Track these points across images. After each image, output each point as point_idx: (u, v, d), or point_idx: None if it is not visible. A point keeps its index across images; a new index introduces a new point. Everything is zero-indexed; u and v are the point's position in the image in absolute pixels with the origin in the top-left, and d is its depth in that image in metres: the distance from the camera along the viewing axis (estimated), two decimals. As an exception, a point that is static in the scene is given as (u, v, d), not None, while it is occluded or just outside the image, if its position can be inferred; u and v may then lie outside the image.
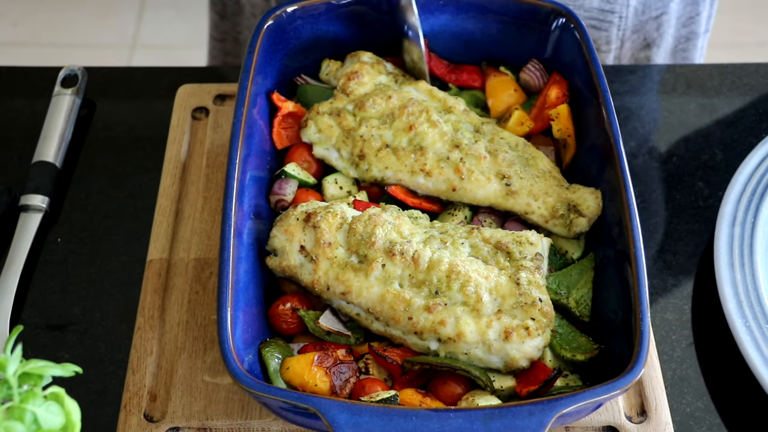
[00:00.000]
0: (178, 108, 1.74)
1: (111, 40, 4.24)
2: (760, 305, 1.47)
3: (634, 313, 1.26)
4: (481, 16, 1.65)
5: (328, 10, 1.63)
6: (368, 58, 1.63)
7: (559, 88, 1.57)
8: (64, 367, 1.05)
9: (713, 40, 2.39)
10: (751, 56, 4.03)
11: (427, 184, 1.50)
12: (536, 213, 1.46)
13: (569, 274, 1.41)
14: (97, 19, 4.31)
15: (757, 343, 1.44)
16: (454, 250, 1.38)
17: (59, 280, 1.59)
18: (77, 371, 1.05)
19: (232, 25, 2.26)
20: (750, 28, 4.24)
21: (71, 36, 4.23)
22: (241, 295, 1.32)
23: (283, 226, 1.41)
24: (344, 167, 1.54)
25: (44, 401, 1.01)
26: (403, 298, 1.33)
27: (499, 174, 1.48)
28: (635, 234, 1.32)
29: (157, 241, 1.56)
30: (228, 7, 2.22)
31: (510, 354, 1.30)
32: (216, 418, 1.37)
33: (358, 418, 1.17)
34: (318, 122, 1.55)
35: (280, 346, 1.35)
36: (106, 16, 4.32)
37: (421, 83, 1.60)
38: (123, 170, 1.74)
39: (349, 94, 1.58)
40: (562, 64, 1.61)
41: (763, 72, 1.89)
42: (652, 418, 1.37)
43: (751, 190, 1.61)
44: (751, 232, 1.56)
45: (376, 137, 1.52)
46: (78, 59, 4.06)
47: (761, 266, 1.52)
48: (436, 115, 1.53)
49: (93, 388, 1.46)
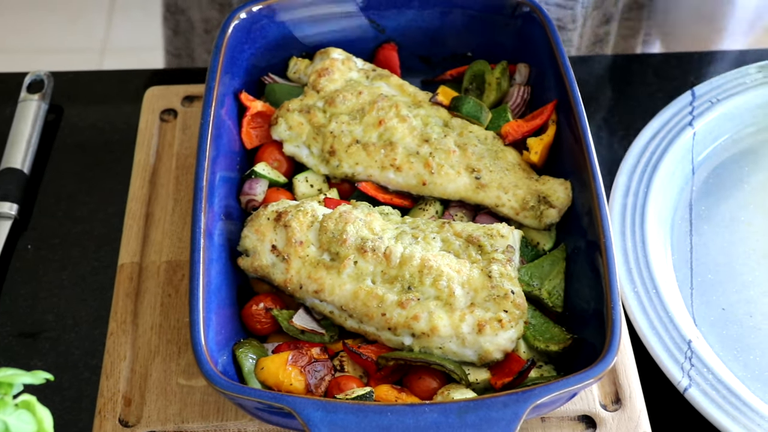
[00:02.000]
0: (146, 111, 1.73)
1: (80, 44, 4.21)
2: (649, 272, 1.52)
3: (606, 302, 1.26)
4: (447, 11, 1.65)
5: (294, 8, 1.62)
6: (338, 54, 1.62)
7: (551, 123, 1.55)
8: (34, 375, 1.04)
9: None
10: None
11: (397, 179, 1.50)
12: (507, 205, 1.47)
13: (541, 265, 1.41)
14: (66, 23, 4.27)
15: (645, 308, 1.48)
16: (426, 245, 1.38)
17: (30, 287, 1.58)
18: (48, 378, 1.05)
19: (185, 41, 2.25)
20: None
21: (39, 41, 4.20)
22: (213, 297, 1.31)
23: (254, 226, 1.41)
24: (315, 164, 1.54)
25: (15, 410, 1.01)
26: (375, 295, 1.33)
27: (469, 167, 1.48)
28: (605, 224, 1.33)
29: (128, 245, 1.56)
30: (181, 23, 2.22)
31: (484, 347, 1.31)
32: (192, 420, 1.36)
33: (334, 416, 1.16)
34: (288, 119, 1.55)
35: (255, 347, 1.35)
36: (75, 20, 4.29)
37: (392, 78, 1.60)
38: (92, 175, 1.73)
39: (320, 90, 1.58)
40: (529, 54, 1.62)
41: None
42: (626, 405, 1.38)
43: (645, 161, 1.66)
44: (644, 202, 1.61)
45: (346, 133, 1.52)
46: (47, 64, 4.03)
47: (650, 235, 1.57)
48: (405, 110, 1.53)
49: (67, 395, 1.45)
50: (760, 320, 1.53)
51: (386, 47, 1.68)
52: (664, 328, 1.46)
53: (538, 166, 1.52)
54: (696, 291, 1.56)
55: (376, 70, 1.63)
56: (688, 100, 1.74)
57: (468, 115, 1.54)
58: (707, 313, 1.54)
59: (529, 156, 1.50)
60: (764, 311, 1.54)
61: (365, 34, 1.66)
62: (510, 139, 1.52)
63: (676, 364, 1.42)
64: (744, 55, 1.90)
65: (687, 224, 1.64)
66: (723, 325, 1.52)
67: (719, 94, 1.75)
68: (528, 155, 1.50)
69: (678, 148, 1.68)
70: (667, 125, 1.70)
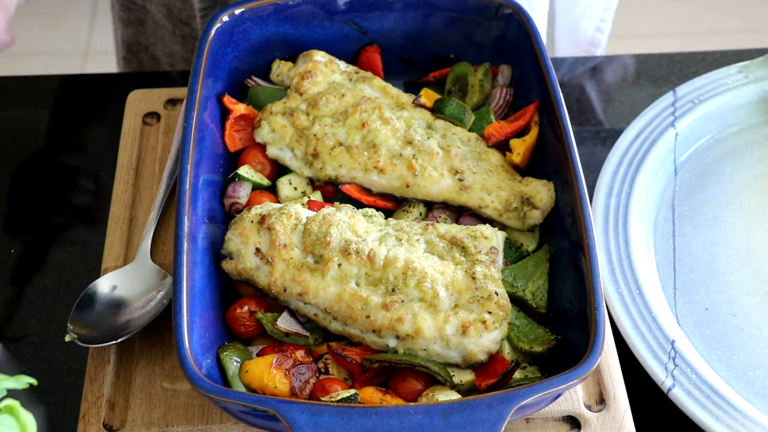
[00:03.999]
0: (129, 114, 1.73)
1: (63, 47, 4.20)
2: (632, 272, 1.52)
3: (589, 303, 1.27)
4: (429, 13, 1.65)
5: (276, 11, 1.62)
6: (321, 57, 1.62)
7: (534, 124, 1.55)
8: (17, 380, 1.04)
9: (665, 31, 2.42)
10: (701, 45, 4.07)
11: (381, 182, 1.50)
12: (490, 207, 1.47)
13: (525, 266, 1.42)
14: (49, 26, 4.26)
15: (628, 309, 1.49)
16: (410, 246, 1.38)
17: (13, 292, 1.57)
18: (32, 383, 1.04)
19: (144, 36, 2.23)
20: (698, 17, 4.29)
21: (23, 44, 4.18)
22: (197, 300, 1.31)
23: (238, 229, 1.41)
24: (298, 167, 1.54)
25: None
26: (360, 297, 1.33)
27: (452, 169, 1.48)
28: (588, 225, 1.33)
29: (111, 248, 1.55)
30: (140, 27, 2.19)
31: (468, 348, 1.31)
32: (176, 424, 1.36)
33: (318, 419, 1.16)
34: (271, 122, 1.55)
35: (239, 350, 1.35)
36: (58, 24, 4.28)
37: (375, 80, 1.60)
38: (76, 179, 1.72)
39: (303, 93, 1.58)
40: (511, 56, 1.62)
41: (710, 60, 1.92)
42: (610, 405, 1.38)
43: (628, 162, 1.67)
44: (627, 202, 1.61)
45: (330, 135, 1.52)
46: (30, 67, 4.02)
47: (633, 236, 1.57)
48: (388, 112, 1.53)
49: (51, 400, 1.45)
50: (742, 320, 1.53)
51: (369, 50, 1.68)
52: (647, 328, 1.46)
53: (522, 168, 1.52)
54: (679, 291, 1.57)
55: (359, 72, 1.63)
56: (671, 101, 1.74)
57: (451, 117, 1.54)
58: (690, 313, 1.54)
59: (511, 157, 1.50)
60: (747, 311, 1.55)
61: (348, 36, 1.66)
62: (493, 141, 1.52)
63: (659, 364, 1.43)
64: (725, 56, 1.91)
65: (670, 224, 1.65)
66: (706, 325, 1.53)
67: (701, 94, 1.75)
68: (511, 156, 1.51)
69: (660, 149, 1.69)
70: (649, 126, 1.71)
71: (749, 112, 1.77)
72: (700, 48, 2.29)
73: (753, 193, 1.69)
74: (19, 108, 1.86)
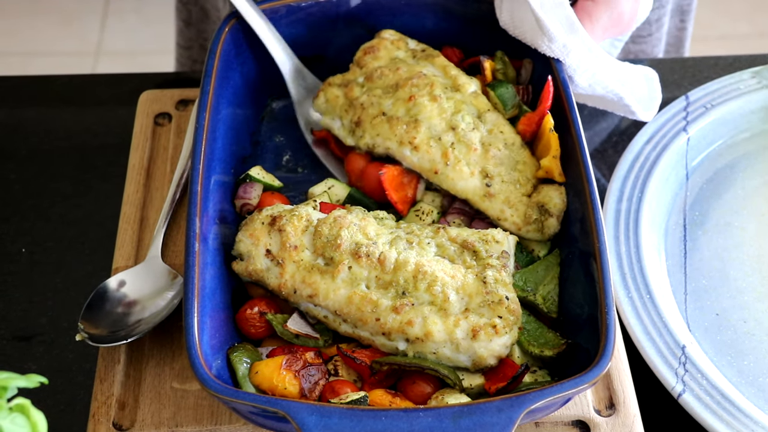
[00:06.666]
0: (141, 114, 1.73)
1: (75, 47, 4.21)
2: (643, 277, 1.52)
3: (600, 307, 1.27)
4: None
5: (289, 13, 1.63)
6: (390, 34, 1.63)
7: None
8: (28, 378, 1.04)
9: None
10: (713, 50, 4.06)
11: (412, 158, 1.49)
12: (509, 221, 1.46)
13: (535, 270, 1.42)
14: (60, 26, 4.27)
15: (639, 314, 1.48)
16: (420, 250, 1.38)
17: (24, 291, 1.58)
18: (42, 382, 1.04)
19: (197, 32, 2.25)
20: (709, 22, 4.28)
21: (34, 44, 4.19)
22: (207, 301, 1.31)
23: (249, 230, 1.41)
24: (344, 136, 1.55)
25: (9, 413, 1.00)
26: (370, 300, 1.33)
27: (484, 171, 1.47)
28: (599, 229, 1.33)
29: (122, 248, 1.55)
30: (193, 14, 2.21)
31: (478, 352, 1.31)
32: (185, 424, 1.36)
33: (328, 420, 1.16)
34: (327, 93, 1.58)
35: (249, 351, 1.35)
36: (69, 24, 4.29)
37: (438, 59, 1.59)
38: (87, 178, 1.73)
39: (363, 67, 1.59)
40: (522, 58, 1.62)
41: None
42: (620, 410, 1.38)
43: (639, 166, 1.66)
44: (638, 207, 1.61)
45: (375, 105, 1.52)
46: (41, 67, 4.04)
47: (644, 240, 1.57)
48: (439, 90, 1.52)
49: (61, 399, 1.45)
50: (753, 326, 1.53)
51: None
52: (658, 333, 1.46)
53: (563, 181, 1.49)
54: (690, 296, 1.56)
55: (426, 50, 1.62)
56: (683, 106, 1.74)
57: (499, 98, 1.53)
58: (701, 318, 1.54)
59: (554, 176, 1.47)
60: (758, 317, 1.54)
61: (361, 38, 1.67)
62: (528, 135, 1.51)
63: (670, 369, 1.43)
64: (738, 61, 1.91)
65: (681, 229, 1.65)
66: (717, 331, 1.52)
67: (713, 99, 1.75)
68: (553, 175, 1.47)
69: (672, 153, 1.69)
70: (661, 130, 1.71)
71: (762, 118, 1.76)
72: (712, 53, 2.29)
73: (765, 199, 1.69)
74: (30, 108, 1.87)
